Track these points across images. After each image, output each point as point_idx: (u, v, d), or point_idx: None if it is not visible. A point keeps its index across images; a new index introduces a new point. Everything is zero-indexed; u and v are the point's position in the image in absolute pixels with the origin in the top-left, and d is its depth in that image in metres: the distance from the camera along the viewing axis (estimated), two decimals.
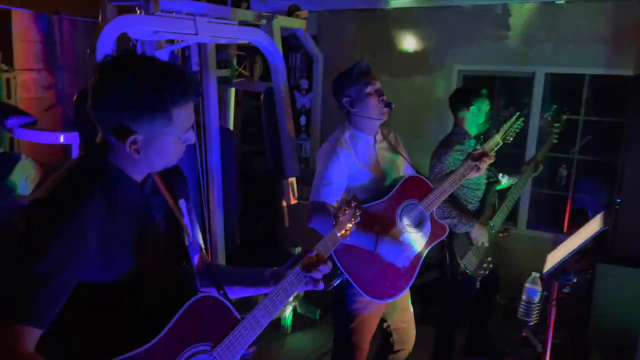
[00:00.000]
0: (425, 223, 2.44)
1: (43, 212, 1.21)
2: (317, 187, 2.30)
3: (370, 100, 2.37)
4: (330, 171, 2.29)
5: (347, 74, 2.41)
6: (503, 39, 4.46)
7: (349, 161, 2.32)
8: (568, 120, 3.35)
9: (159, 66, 1.27)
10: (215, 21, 2.81)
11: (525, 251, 4.42)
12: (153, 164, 1.34)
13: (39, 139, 3.14)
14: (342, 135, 2.38)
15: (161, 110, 1.25)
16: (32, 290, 1.13)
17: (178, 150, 1.35)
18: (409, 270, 2.41)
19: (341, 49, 4.98)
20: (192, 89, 1.30)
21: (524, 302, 2.50)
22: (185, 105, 1.29)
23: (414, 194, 2.41)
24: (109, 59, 1.28)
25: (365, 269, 2.29)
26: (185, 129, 1.32)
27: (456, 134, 3.14)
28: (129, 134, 1.25)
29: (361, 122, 2.40)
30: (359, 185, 2.34)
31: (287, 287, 1.53)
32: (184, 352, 1.32)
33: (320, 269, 1.55)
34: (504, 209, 3.15)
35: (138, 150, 1.28)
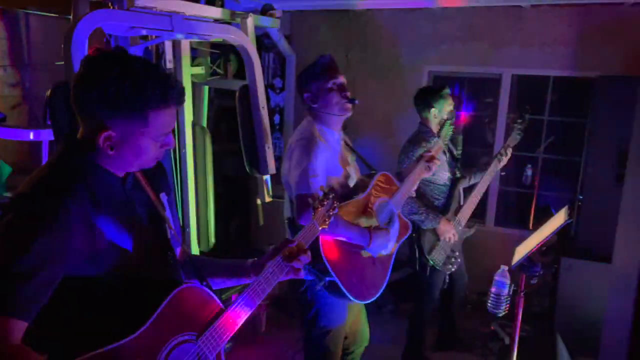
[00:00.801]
0: (394, 220, 2.44)
1: (27, 206, 1.21)
2: (304, 180, 2.20)
3: (331, 95, 2.32)
4: (315, 163, 2.22)
5: (309, 69, 2.36)
6: (471, 41, 4.58)
7: (327, 155, 2.29)
8: (533, 120, 3.47)
9: (144, 68, 1.28)
10: (191, 18, 2.81)
11: (494, 247, 4.53)
12: (127, 162, 1.35)
13: (8, 135, 3.07)
14: (315, 130, 2.34)
15: (138, 111, 1.26)
16: (18, 284, 1.13)
17: (155, 152, 1.35)
18: (382, 270, 2.41)
19: (314, 49, 5.01)
20: (173, 96, 1.30)
21: (493, 295, 2.57)
22: (163, 110, 1.29)
23: (386, 192, 2.42)
24: (99, 53, 1.29)
25: (350, 271, 2.25)
26: (161, 133, 1.32)
27: (422, 132, 3.24)
28: (103, 129, 1.26)
29: (325, 117, 2.35)
30: (335, 180, 2.31)
31: (269, 276, 1.56)
32: (169, 341, 1.34)
33: (300, 259, 1.58)
34: (469, 203, 3.24)
35: (111, 147, 1.29)
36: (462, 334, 3.90)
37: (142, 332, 1.28)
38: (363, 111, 4.97)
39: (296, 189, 2.22)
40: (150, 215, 1.45)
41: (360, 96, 5.04)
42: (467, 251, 4.75)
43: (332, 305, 2.32)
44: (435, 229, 3.14)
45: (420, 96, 3.29)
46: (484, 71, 4.67)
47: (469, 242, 4.80)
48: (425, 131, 3.23)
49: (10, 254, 1.15)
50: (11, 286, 1.13)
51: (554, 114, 4.55)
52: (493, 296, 2.58)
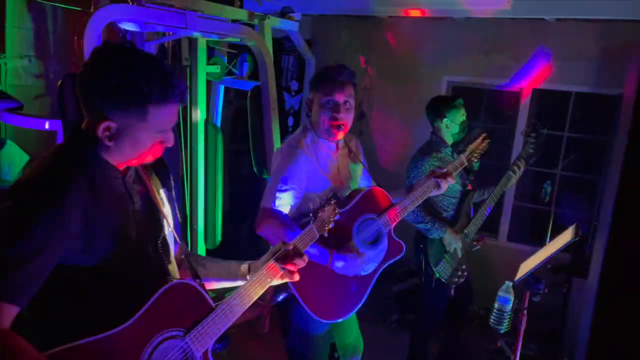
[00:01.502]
0: (382, 240, 2.23)
1: (27, 193, 1.22)
2: (271, 192, 2.07)
3: (321, 112, 2.15)
4: (287, 175, 2.07)
5: (317, 73, 2.22)
6: (493, 53, 4.51)
7: (310, 167, 2.13)
8: (552, 137, 3.38)
9: (148, 62, 1.29)
10: (206, 16, 2.83)
11: (505, 263, 4.42)
12: (126, 156, 1.35)
13: (25, 123, 3.14)
14: (304, 138, 2.19)
15: (137, 105, 1.27)
16: (13, 269, 1.15)
17: (153, 149, 1.36)
18: (359, 289, 2.21)
19: (334, 53, 5.01)
20: (175, 94, 1.31)
21: (496, 310, 2.52)
22: (163, 106, 1.30)
23: (373, 208, 2.21)
24: (107, 46, 1.30)
25: (313, 286, 2.07)
26: (160, 129, 1.33)
27: (433, 142, 3.17)
28: (104, 119, 1.28)
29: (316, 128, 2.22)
30: (316, 194, 2.14)
31: (262, 278, 1.55)
32: (156, 335, 1.35)
33: (295, 262, 1.57)
34: (478, 217, 3.18)
35: (110, 137, 1.30)
36: (467, 349, 3.83)
37: (130, 325, 1.29)
38: (380, 119, 4.98)
39: (263, 200, 2.12)
40: (148, 210, 1.46)
41: (378, 103, 5.06)
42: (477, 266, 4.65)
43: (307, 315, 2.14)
44: (442, 239, 3.08)
45: (433, 105, 3.22)
46: (504, 84, 4.60)
47: (479, 257, 4.71)
48: (437, 141, 3.17)
49: (6, 239, 1.16)
50: (4, 271, 1.14)
51: (574, 130, 4.45)
52: (496, 312, 2.53)
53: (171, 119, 1.35)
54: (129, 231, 1.38)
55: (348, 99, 2.15)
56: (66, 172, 1.27)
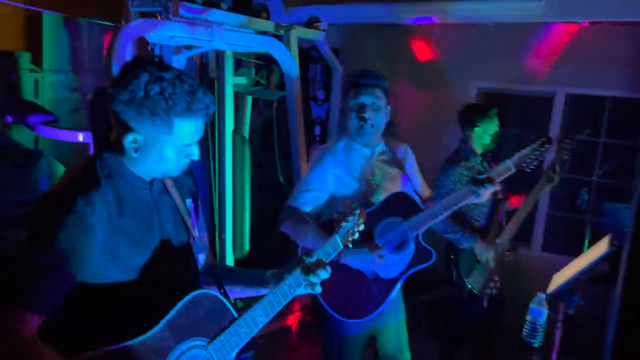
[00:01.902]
0: (408, 245, 2.23)
1: (54, 205, 1.26)
2: (295, 191, 2.21)
3: (348, 115, 2.24)
4: (311, 177, 2.18)
5: (345, 81, 2.36)
6: (523, 58, 4.42)
7: (335, 171, 2.20)
8: (587, 143, 3.27)
9: (174, 76, 1.31)
10: (231, 29, 2.87)
11: (539, 273, 4.31)
12: (151, 168, 1.38)
13: (59, 136, 3.24)
14: (336, 144, 2.27)
15: (163, 117, 1.30)
16: (37, 279, 1.18)
17: (179, 162, 1.38)
18: (382, 291, 2.23)
19: (361, 62, 5.00)
20: (200, 107, 1.33)
21: (528, 323, 2.46)
22: (189, 119, 1.32)
23: (399, 212, 2.22)
24: (136, 60, 1.34)
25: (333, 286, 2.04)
26: (186, 142, 1.35)
27: (462, 150, 3.11)
28: (129, 131, 1.31)
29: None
30: (343, 196, 2.19)
31: (285, 289, 1.55)
32: (179, 345, 1.36)
33: (319, 274, 1.56)
34: (511, 226, 3.10)
35: (136, 149, 1.33)
36: None
37: (154, 333, 1.30)
38: (407, 126, 4.93)
39: (288, 198, 2.22)
40: (174, 220, 1.48)
41: (405, 110, 5.02)
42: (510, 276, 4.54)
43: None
44: (473, 250, 3.01)
45: (465, 113, 3.15)
46: (536, 89, 4.49)
47: (512, 267, 4.59)
48: (465, 150, 3.11)
49: (32, 249, 1.20)
50: (29, 280, 1.18)
51: (610, 136, 4.30)
52: (529, 324, 2.47)
53: (196, 133, 1.37)
54: (154, 241, 1.40)
55: (375, 101, 2.20)
56: (93, 183, 1.30)
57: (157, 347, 1.31)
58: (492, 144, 3.10)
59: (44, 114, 3.24)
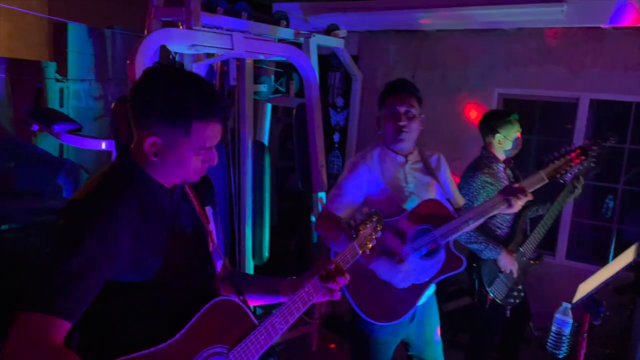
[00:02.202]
0: (439, 251, 2.27)
1: (79, 212, 1.27)
2: (331, 196, 2.28)
3: (384, 123, 2.32)
4: (346, 183, 2.25)
5: (382, 91, 2.37)
6: (547, 63, 4.36)
7: (370, 177, 2.27)
8: (613, 149, 3.20)
9: (192, 81, 1.33)
10: (251, 37, 2.89)
11: (564, 282, 4.25)
12: (170, 173, 1.38)
13: (83, 144, 3.29)
14: (371, 152, 2.34)
15: (181, 120, 1.31)
16: (65, 285, 1.18)
17: (196, 166, 1.38)
18: (412, 295, 2.27)
19: (381, 69, 5.01)
20: (217, 110, 1.34)
21: (553, 333, 2.41)
22: (207, 122, 1.33)
23: (430, 219, 2.27)
24: (155, 65, 1.37)
25: (363, 289, 2.20)
26: (204, 145, 1.36)
27: (484, 157, 3.06)
28: (150, 134, 1.31)
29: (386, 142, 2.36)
30: (377, 202, 2.26)
31: (304, 296, 1.54)
32: (201, 352, 1.35)
33: (337, 280, 1.56)
34: (536, 235, 3.03)
35: (156, 153, 1.33)
36: None
37: (174, 341, 1.30)
38: (429, 133, 4.88)
39: (325, 201, 2.32)
40: (194, 227, 1.49)
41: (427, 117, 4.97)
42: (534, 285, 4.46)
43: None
44: (495, 260, 2.96)
45: (485, 120, 3.11)
46: (560, 95, 4.42)
47: (536, 276, 4.51)
48: (488, 157, 3.06)
49: (61, 256, 1.21)
50: (58, 287, 1.18)
51: (636, 142, 4.21)
52: (553, 335, 2.42)
53: (214, 136, 1.37)
54: (176, 248, 1.40)
55: (409, 109, 2.28)
56: (116, 190, 1.31)
57: (179, 355, 1.31)
58: (515, 150, 3.05)
59: (69, 122, 3.30)
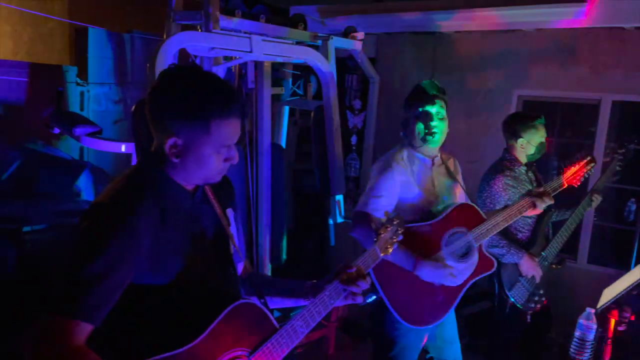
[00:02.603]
0: (472, 254, 2.32)
1: (101, 215, 1.28)
2: (366, 198, 2.27)
3: (412, 124, 2.33)
4: (381, 184, 2.26)
5: (410, 93, 2.39)
6: (568, 64, 4.30)
7: (403, 179, 2.28)
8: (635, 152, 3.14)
9: (209, 80, 1.34)
10: (270, 39, 2.90)
11: (585, 287, 4.17)
12: (192, 173, 1.38)
13: (103, 147, 3.33)
14: (400, 153, 2.35)
15: (200, 119, 1.31)
16: (88, 288, 1.19)
17: (218, 165, 1.38)
18: (447, 299, 2.31)
19: (399, 72, 4.98)
20: (235, 107, 1.34)
21: (576, 339, 2.37)
22: (225, 120, 1.33)
23: (463, 223, 2.31)
24: (171, 67, 1.38)
25: (401, 292, 2.23)
26: (223, 144, 1.36)
27: (506, 159, 3.01)
28: (170, 135, 1.32)
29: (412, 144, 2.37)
30: (408, 205, 2.29)
31: (325, 299, 1.54)
32: (222, 355, 1.35)
33: (359, 284, 1.55)
34: (558, 239, 2.98)
35: (177, 154, 1.33)
36: None
37: (196, 344, 1.30)
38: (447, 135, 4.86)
39: (357, 205, 2.30)
40: (215, 229, 1.49)
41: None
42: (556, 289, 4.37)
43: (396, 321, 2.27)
44: (517, 264, 2.91)
45: (509, 123, 3.05)
46: (581, 97, 4.35)
47: (558, 280, 4.44)
48: (510, 159, 3.01)
49: (83, 259, 1.22)
50: (81, 290, 1.19)
51: None
52: (576, 341, 2.37)
53: (234, 133, 1.37)
54: (197, 251, 1.40)
55: (439, 110, 2.33)
56: (138, 193, 1.31)
57: (200, 358, 1.31)
58: (537, 155, 3.00)
59: (89, 125, 3.35)
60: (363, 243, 2.21)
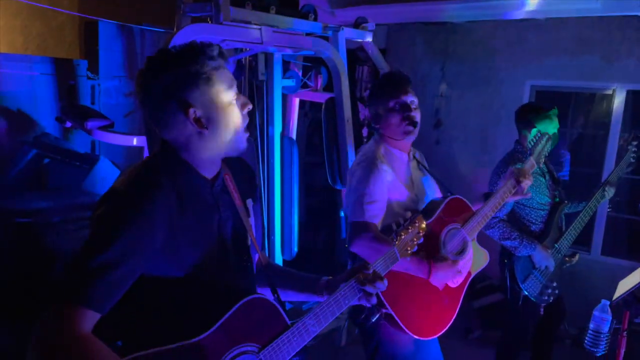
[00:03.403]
0: (467, 249, 2.21)
1: (116, 202, 1.26)
2: (359, 206, 2.07)
3: (391, 116, 2.16)
4: (372, 188, 2.07)
5: (375, 86, 2.26)
6: (581, 54, 4.24)
7: (390, 177, 2.13)
8: None
9: (191, 45, 1.33)
10: (280, 31, 2.88)
11: (600, 278, 4.14)
12: (224, 135, 1.36)
13: (114, 140, 3.34)
14: (378, 150, 2.19)
15: (200, 74, 1.30)
16: (96, 276, 1.18)
17: (239, 116, 1.37)
18: (451, 303, 2.19)
19: (409, 62, 4.94)
20: (220, 53, 1.34)
21: (591, 331, 2.36)
22: (219, 66, 1.33)
23: (456, 218, 2.19)
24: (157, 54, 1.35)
25: (409, 304, 2.08)
26: (228, 86, 1.35)
27: (517, 151, 2.98)
28: (188, 106, 1.30)
29: (388, 138, 2.21)
30: (399, 205, 2.15)
31: (340, 299, 1.51)
32: (231, 349, 1.34)
33: (376, 285, 1.52)
34: (571, 231, 2.95)
35: (203, 124, 1.32)
36: None
37: (206, 336, 1.29)
38: (458, 126, 4.83)
39: (351, 215, 2.11)
40: (234, 220, 1.46)
41: (456, 110, 4.92)
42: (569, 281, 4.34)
43: (394, 334, 2.14)
44: (530, 256, 2.89)
45: (523, 113, 3.02)
46: (594, 86, 4.30)
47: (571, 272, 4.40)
48: (522, 151, 2.97)
49: (95, 246, 1.20)
50: (90, 277, 1.18)
51: None
52: (591, 333, 2.37)
53: (230, 77, 1.38)
54: (213, 242, 1.39)
55: (413, 99, 2.19)
56: (155, 182, 1.29)
57: (210, 350, 1.30)
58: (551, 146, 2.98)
59: (101, 119, 3.35)
60: (366, 256, 2.01)
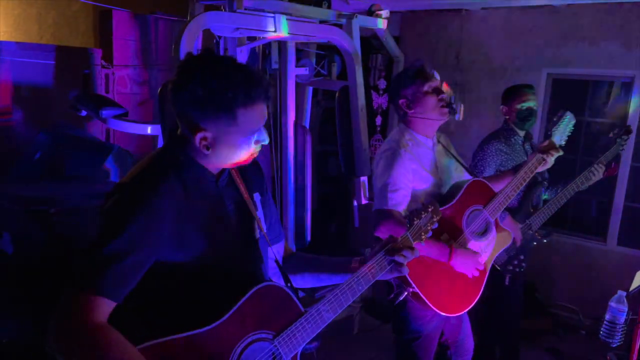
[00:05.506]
0: (491, 229, 2.31)
1: (125, 193, 1.30)
2: (383, 194, 2.17)
3: (428, 99, 2.25)
4: (395, 176, 2.17)
5: (403, 74, 2.32)
6: (599, 41, 4.16)
7: (414, 165, 2.22)
8: None
9: (229, 67, 1.31)
10: (294, 19, 2.86)
11: (615, 269, 4.10)
12: (223, 160, 1.39)
13: (129, 129, 3.36)
14: (403, 138, 2.28)
15: (225, 110, 1.30)
16: (110, 265, 1.21)
17: (250, 150, 1.38)
18: (476, 281, 2.28)
19: (423, 50, 4.89)
20: (259, 92, 1.32)
21: (607, 322, 2.35)
22: (251, 107, 1.32)
23: (478, 199, 2.29)
24: (189, 58, 1.35)
25: (435, 282, 2.18)
26: (251, 130, 1.35)
27: (503, 128, 3.10)
28: (198, 130, 1.32)
29: (420, 123, 2.29)
30: (423, 191, 2.25)
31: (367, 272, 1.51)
32: (246, 337, 1.36)
33: (404, 253, 1.52)
34: (546, 210, 2.95)
35: (208, 146, 1.34)
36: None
37: (220, 324, 1.31)
38: (474, 114, 4.77)
39: (375, 203, 2.21)
40: (239, 213, 1.48)
41: (471, 98, 4.86)
42: (583, 271, 4.33)
43: (421, 310, 2.26)
44: None
45: (504, 92, 3.17)
46: (613, 74, 4.22)
47: (586, 262, 4.37)
48: (507, 129, 3.09)
49: (105, 237, 1.24)
50: (103, 266, 1.21)
51: None
52: (607, 324, 2.36)
53: (261, 118, 1.36)
54: (219, 233, 1.41)
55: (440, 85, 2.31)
56: (162, 174, 1.33)
57: (224, 338, 1.32)
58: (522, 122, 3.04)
59: (116, 107, 3.37)
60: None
